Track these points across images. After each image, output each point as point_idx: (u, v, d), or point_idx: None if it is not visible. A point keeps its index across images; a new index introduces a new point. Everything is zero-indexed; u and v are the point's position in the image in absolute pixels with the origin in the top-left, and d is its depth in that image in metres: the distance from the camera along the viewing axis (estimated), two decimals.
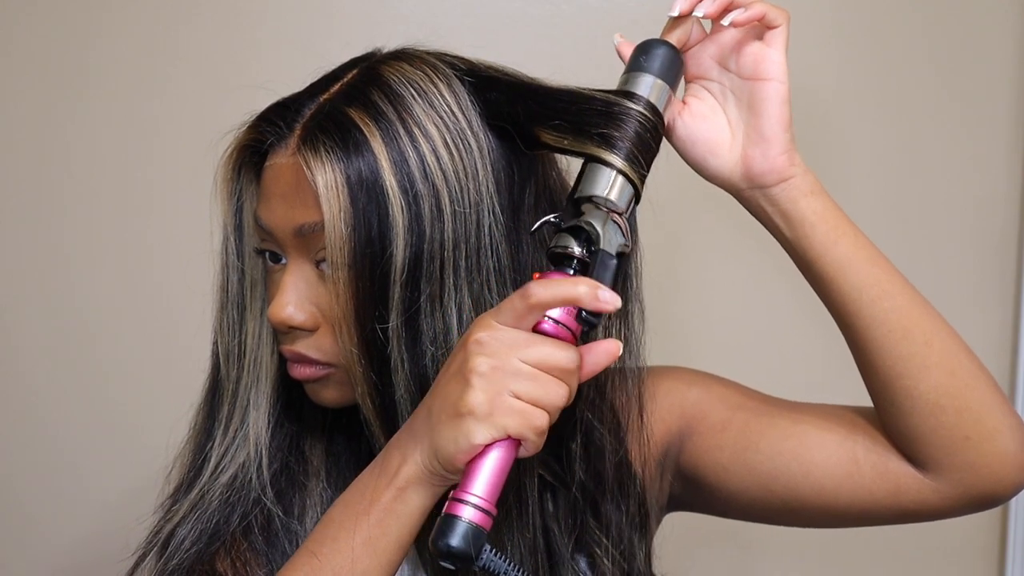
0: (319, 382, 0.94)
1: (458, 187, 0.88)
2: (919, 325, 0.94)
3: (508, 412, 0.78)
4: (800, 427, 1.01)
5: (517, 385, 0.78)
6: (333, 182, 0.86)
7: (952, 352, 0.94)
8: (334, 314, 0.89)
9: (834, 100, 1.59)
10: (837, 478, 0.98)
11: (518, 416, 0.78)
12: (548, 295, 0.79)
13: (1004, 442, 0.94)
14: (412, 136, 0.87)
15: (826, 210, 0.94)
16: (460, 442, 0.78)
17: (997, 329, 1.62)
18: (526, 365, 0.79)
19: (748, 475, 1.02)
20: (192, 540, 0.94)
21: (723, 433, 1.03)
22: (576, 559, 0.97)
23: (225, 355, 0.97)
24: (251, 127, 0.93)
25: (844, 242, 0.93)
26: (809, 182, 0.94)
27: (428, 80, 0.90)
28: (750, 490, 1.02)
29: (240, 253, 0.96)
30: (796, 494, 1.00)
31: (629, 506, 1.01)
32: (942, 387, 0.93)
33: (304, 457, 0.98)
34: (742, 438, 1.02)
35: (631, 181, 0.86)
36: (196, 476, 0.97)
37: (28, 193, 1.58)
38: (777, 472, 1.00)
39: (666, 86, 0.90)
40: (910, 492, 0.97)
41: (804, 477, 1.00)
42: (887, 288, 0.94)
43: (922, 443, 0.95)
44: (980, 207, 1.61)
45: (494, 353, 0.79)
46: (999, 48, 1.59)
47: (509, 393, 0.78)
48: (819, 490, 0.99)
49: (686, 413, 1.06)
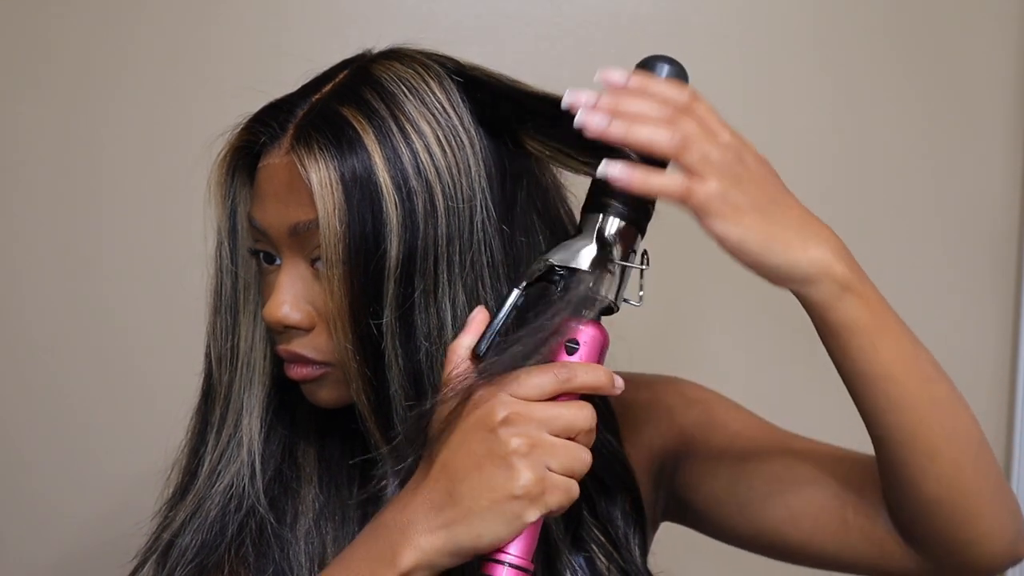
0: (316, 382, 0.93)
1: (451, 183, 0.88)
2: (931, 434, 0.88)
3: (553, 489, 0.79)
4: (794, 473, 1.00)
5: (553, 460, 0.79)
6: (327, 179, 0.86)
7: (958, 464, 0.89)
8: (329, 312, 0.89)
9: (834, 100, 1.59)
10: (825, 532, 0.98)
11: (562, 492, 0.80)
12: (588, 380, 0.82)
13: (992, 544, 0.92)
14: (405, 133, 0.87)
15: (860, 316, 0.85)
16: (513, 525, 0.79)
17: (997, 329, 1.62)
18: (557, 438, 0.80)
19: (738, 510, 1.02)
20: (194, 551, 0.94)
21: (718, 462, 1.03)
22: (573, 556, 0.97)
23: (218, 359, 0.97)
24: (244, 129, 0.93)
25: (883, 348, 0.86)
26: (839, 278, 0.83)
27: (419, 78, 0.90)
28: (738, 524, 1.03)
29: (234, 256, 0.96)
30: (783, 538, 1.01)
31: (626, 503, 1.01)
32: (940, 498, 0.90)
33: (297, 463, 0.98)
34: (736, 471, 1.02)
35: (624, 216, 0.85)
36: (191, 481, 0.97)
37: (28, 193, 1.58)
38: (767, 513, 1.01)
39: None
40: (894, 559, 0.96)
41: (793, 525, 1.00)
42: (916, 402, 0.88)
43: (913, 526, 0.94)
44: (980, 207, 1.61)
45: (526, 432, 0.79)
46: (999, 48, 1.58)
47: (549, 469, 0.79)
48: (807, 539, 0.99)
49: (685, 432, 1.06)
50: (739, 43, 1.59)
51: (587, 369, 0.82)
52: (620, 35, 1.56)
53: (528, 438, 0.79)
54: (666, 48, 1.52)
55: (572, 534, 0.97)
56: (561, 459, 0.80)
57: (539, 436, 0.79)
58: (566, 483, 0.80)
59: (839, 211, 1.59)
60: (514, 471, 0.78)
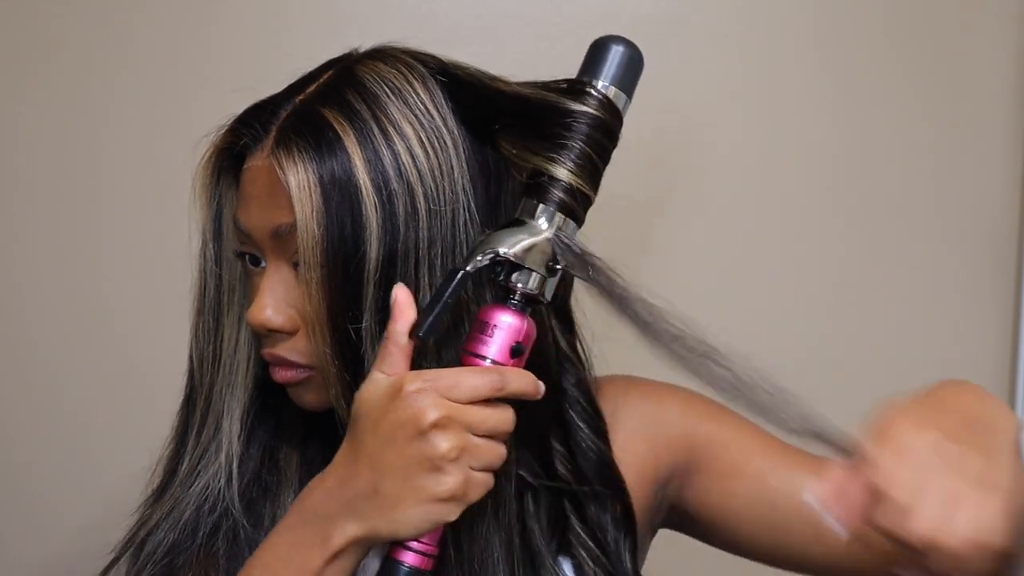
0: (300, 385, 0.93)
1: (433, 186, 0.87)
2: None
3: (474, 486, 0.81)
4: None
5: (477, 460, 0.81)
6: (306, 182, 0.86)
7: None
8: (309, 315, 0.88)
9: (834, 100, 1.59)
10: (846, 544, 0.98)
11: (482, 487, 0.82)
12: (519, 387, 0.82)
13: None
14: (387, 135, 0.87)
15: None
16: (433, 524, 0.81)
17: (997, 329, 1.61)
18: (482, 439, 0.81)
19: (760, 528, 1.02)
20: (164, 550, 0.94)
21: (735, 480, 1.03)
22: (559, 562, 0.97)
23: (200, 360, 0.97)
24: (228, 130, 0.93)
25: None
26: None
27: (403, 79, 0.90)
28: (758, 540, 1.03)
29: (218, 259, 0.96)
30: (804, 553, 1.01)
31: (615, 508, 1.00)
32: None
33: (278, 467, 0.98)
34: (756, 490, 1.02)
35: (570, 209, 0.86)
36: (171, 480, 0.97)
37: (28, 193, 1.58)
38: (791, 529, 1.00)
39: (622, 94, 0.89)
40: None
41: (816, 540, 0.99)
42: None
43: None
44: (980, 207, 1.61)
45: (456, 436, 0.80)
46: (999, 48, 1.58)
47: (471, 469, 0.80)
48: (827, 552, 0.99)
49: (695, 447, 1.04)
50: (739, 43, 1.58)
51: (519, 376, 0.83)
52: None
53: (458, 442, 0.79)
54: (666, 48, 1.53)
55: (559, 539, 0.97)
56: (484, 459, 0.81)
57: (467, 440, 0.80)
58: (486, 479, 0.82)
59: (839, 211, 1.60)
60: (442, 475, 0.79)
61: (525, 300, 0.85)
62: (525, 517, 0.95)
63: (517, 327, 0.84)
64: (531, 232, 0.85)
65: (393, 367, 0.82)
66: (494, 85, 0.90)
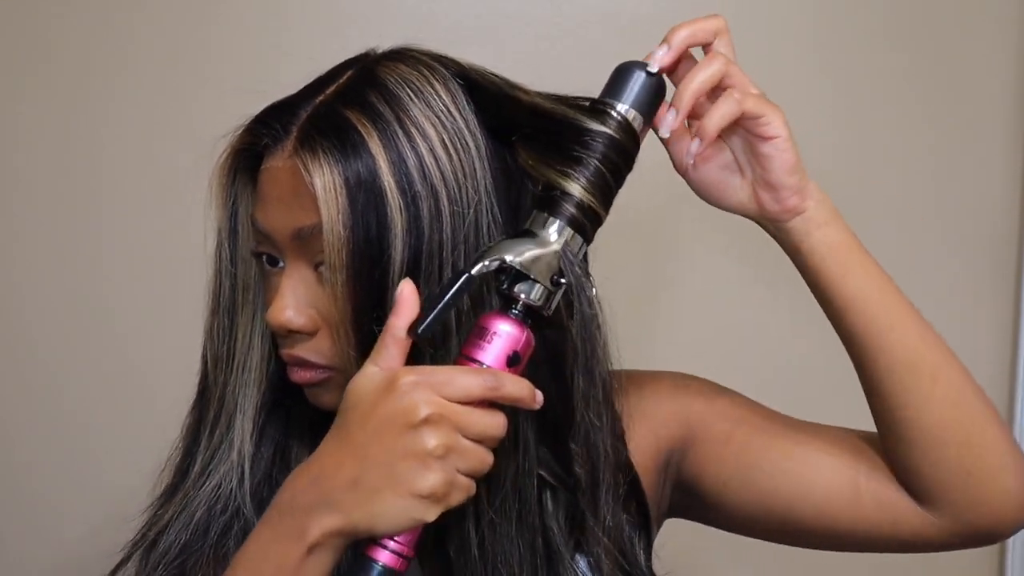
0: (319, 386, 0.93)
1: (456, 187, 0.87)
2: (926, 358, 0.93)
3: (457, 489, 0.80)
4: (803, 448, 1.01)
5: (463, 463, 0.80)
6: (332, 184, 0.85)
7: (958, 387, 0.94)
8: (332, 316, 0.88)
9: (834, 102, 1.59)
10: (838, 503, 0.99)
11: (464, 492, 0.81)
12: (514, 392, 0.81)
13: (1006, 480, 0.94)
14: (410, 137, 0.87)
15: (839, 241, 0.94)
16: (412, 521, 0.79)
17: (997, 329, 1.62)
18: (471, 442, 0.80)
19: (748, 492, 1.02)
20: (176, 551, 0.94)
21: (725, 447, 1.03)
22: (576, 560, 0.97)
23: (214, 359, 0.97)
24: (246, 130, 0.92)
25: (855, 273, 0.94)
26: (824, 212, 0.94)
27: (425, 80, 0.89)
28: (749, 506, 1.02)
29: (233, 258, 0.96)
30: (795, 515, 1.00)
31: (630, 506, 1.01)
32: (945, 421, 0.93)
33: (289, 466, 0.97)
34: (744, 454, 1.02)
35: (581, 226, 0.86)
36: (182, 479, 0.97)
37: (28, 193, 1.58)
38: (778, 492, 1.00)
39: (640, 118, 0.89)
40: (909, 525, 0.97)
41: (804, 499, 1.00)
42: (896, 320, 0.93)
43: (923, 477, 0.95)
44: (980, 209, 1.61)
45: (445, 435, 0.79)
46: (999, 51, 1.59)
47: (456, 471, 0.80)
48: (819, 513, 0.99)
49: (690, 423, 1.05)
50: (739, 44, 1.57)
51: (515, 381, 0.82)
52: (620, 35, 1.56)
53: (446, 441, 0.79)
54: None
55: (576, 539, 0.97)
56: (470, 462, 0.80)
57: (456, 440, 0.79)
58: (469, 484, 0.81)
59: (839, 212, 1.60)
60: (426, 472, 0.78)
61: (526, 311, 0.85)
62: (544, 516, 0.96)
63: (516, 337, 0.84)
64: (539, 243, 0.85)
65: (388, 361, 0.82)
66: (514, 94, 0.90)
